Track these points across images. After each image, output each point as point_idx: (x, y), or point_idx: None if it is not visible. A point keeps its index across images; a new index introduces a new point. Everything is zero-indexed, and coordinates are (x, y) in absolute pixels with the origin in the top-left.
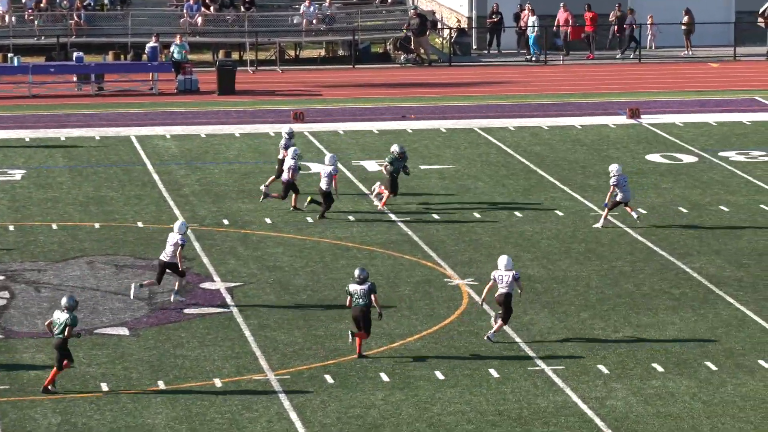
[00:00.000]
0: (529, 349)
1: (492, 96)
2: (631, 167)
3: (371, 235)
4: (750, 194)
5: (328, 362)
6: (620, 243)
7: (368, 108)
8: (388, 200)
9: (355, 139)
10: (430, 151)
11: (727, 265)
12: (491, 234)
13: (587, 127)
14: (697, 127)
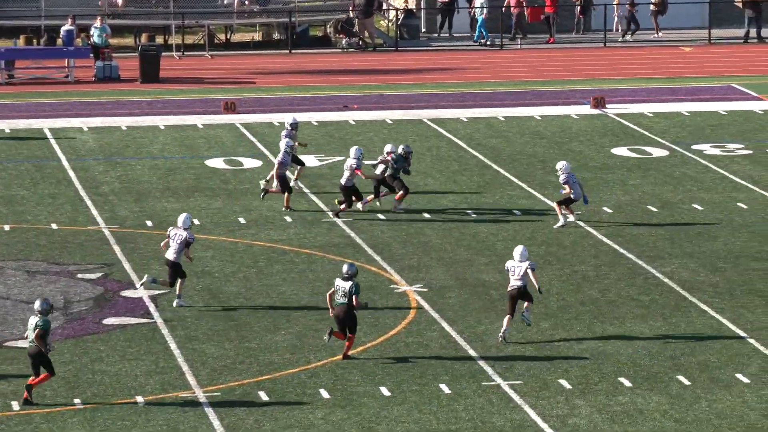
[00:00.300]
0: (484, 362)
1: (443, 84)
2: (596, 162)
3: (310, 238)
4: (726, 191)
5: (263, 377)
6: (584, 245)
7: (306, 97)
8: (402, 198)
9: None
10: (374, 145)
11: (701, 269)
12: (442, 236)
13: (547, 118)
14: (668, 118)
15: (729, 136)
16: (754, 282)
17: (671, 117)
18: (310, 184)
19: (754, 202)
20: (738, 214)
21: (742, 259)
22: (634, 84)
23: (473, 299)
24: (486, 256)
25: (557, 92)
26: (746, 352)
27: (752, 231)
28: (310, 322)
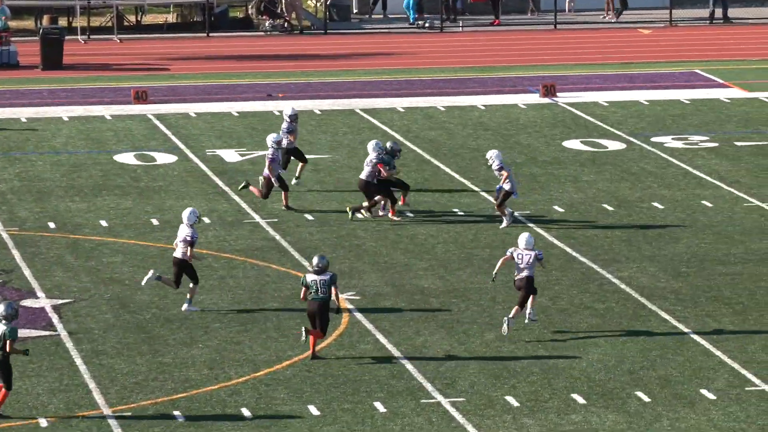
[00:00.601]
0: (423, 377)
1: (376, 70)
2: (546, 156)
3: (231, 241)
4: (689, 188)
5: (178, 395)
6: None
7: (226, 86)
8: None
9: (210, 124)
10: (301, 138)
11: (661, 274)
12: (376, 238)
13: (492, 108)
14: (624, 107)
15: (692, 128)
16: (721, 288)
17: (628, 106)
18: (229, 181)
19: (719, 200)
20: (702, 214)
21: (707, 263)
22: (587, 70)
23: (411, 308)
24: (425, 260)
25: (503, 79)
26: (712, 366)
27: (718, 232)
28: (231, 334)
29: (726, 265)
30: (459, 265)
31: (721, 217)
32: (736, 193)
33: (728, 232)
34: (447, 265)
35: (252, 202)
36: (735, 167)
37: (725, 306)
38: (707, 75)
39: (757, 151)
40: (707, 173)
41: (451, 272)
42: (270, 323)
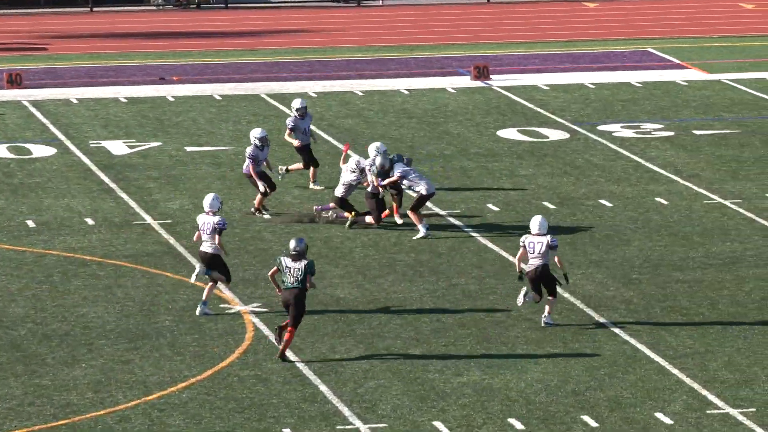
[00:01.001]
0: (339, 400)
1: (285, 50)
2: (478, 147)
3: (118, 245)
4: (641, 183)
5: (59, 422)
6: (463, 252)
7: (112, 68)
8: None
9: (94, 111)
10: (199, 127)
11: (610, 281)
12: (285, 242)
13: (417, 92)
14: (567, 91)
15: (645, 114)
16: (678, 297)
17: (572, 90)
18: (117, 177)
19: (676, 196)
20: (656, 212)
21: (662, 269)
22: (525, 49)
23: (325, 321)
24: (341, 266)
25: (429, 60)
26: (668, 386)
27: (674, 233)
28: (119, 352)
29: (683, 270)
30: (380, 272)
31: (678, 216)
32: (694, 189)
33: (686, 233)
34: (366, 271)
35: (142, 201)
36: (693, 159)
37: (683, 318)
38: (661, 54)
39: (718, 141)
40: (662, 166)
41: (370, 280)
42: (163, 339)
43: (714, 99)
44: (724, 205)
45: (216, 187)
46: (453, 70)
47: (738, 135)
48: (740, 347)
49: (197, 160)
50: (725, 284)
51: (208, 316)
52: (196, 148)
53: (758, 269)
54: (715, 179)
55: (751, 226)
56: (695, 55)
